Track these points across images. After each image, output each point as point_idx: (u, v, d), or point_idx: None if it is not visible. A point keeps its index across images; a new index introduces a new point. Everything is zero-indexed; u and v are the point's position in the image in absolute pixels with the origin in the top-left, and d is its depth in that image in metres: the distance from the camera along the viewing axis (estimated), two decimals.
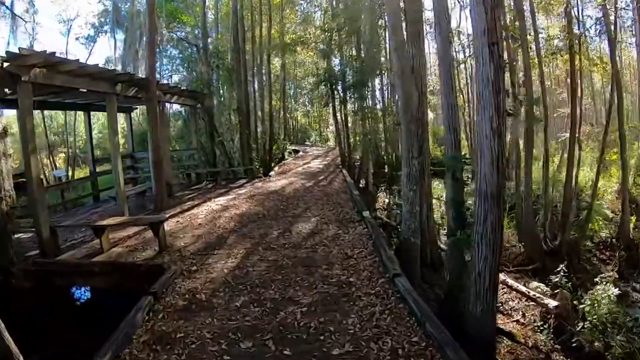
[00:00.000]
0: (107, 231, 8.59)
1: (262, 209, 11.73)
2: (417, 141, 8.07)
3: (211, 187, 16.97)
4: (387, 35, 23.65)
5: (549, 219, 14.05)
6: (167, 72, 25.84)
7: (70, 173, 24.98)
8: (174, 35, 23.30)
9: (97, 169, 15.89)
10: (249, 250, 7.95)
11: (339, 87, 21.77)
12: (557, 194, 16.65)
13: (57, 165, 31.49)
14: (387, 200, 20.38)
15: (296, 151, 33.73)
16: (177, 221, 10.87)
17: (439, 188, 17.75)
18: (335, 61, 24.38)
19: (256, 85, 26.22)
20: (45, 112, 29.19)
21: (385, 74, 22.45)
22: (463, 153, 8.41)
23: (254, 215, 10.93)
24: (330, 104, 23.11)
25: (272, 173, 19.84)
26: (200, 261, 7.48)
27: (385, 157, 24.57)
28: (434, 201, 12.40)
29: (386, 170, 24.11)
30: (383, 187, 22.24)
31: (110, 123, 11.85)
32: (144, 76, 13.36)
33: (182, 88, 16.34)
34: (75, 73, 9.64)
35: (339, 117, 23.98)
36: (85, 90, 10.83)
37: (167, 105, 20.37)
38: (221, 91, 24.25)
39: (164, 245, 8.38)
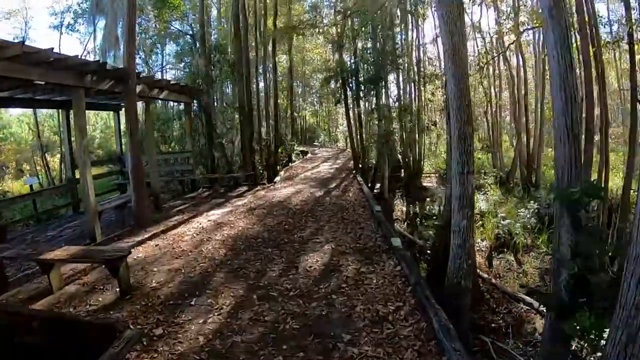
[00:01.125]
0: (56, 267, 6.46)
1: (262, 228, 9.54)
2: (469, 151, 5.85)
3: (207, 196, 14.80)
4: (404, 24, 21.76)
5: None
6: (158, 67, 23.51)
7: (65, 176, 22.60)
8: (171, 26, 21.08)
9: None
10: (239, 300, 5.72)
11: (352, 84, 19.54)
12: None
13: (52, 167, 29.53)
14: (404, 209, 18.20)
15: (304, 153, 31.51)
16: (156, 245, 8.73)
17: None
18: (347, 57, 22.20)
19: (261, 83, 24.11)
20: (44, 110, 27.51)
21: (403, 68, 20.27)
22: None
23: (252, 239, 8.72)
24: (343, 102, 20.85)
25: (277, 178, 17.66)
26: (171, 317, 5.26)
27: (401, 161, 22.34)
28: None
29: (402, 175, 21.93)
30: (399, 194, 20.05)
31: (77, 122, 9.62)
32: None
33: (172, 82, 14.15)
34: (25, 60, 7.52)
35: (351, 116, 21.75)
36: (42, 83, 8.76)
37: (170, 103, 18.36)
38: (223, 88, 22.18)
39: (128, 288, 6.22)
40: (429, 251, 11.44)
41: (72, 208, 13.74)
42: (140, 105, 13.78)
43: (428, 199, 18.88)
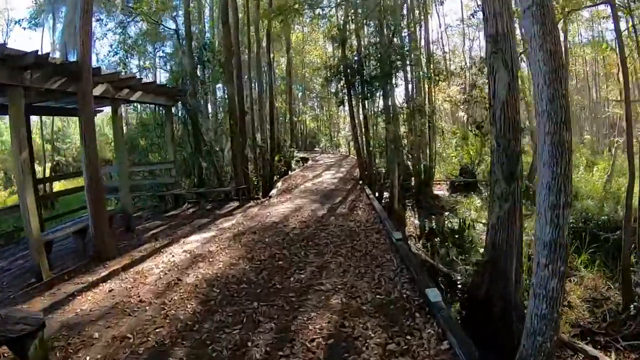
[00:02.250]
0: None
1: (248, 266, 7.33)
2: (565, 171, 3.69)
3: (191, 214, 12.73)
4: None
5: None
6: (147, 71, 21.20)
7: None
8: (157, 23, 18.84)
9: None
10: None
11: (357, 82, 17.33)
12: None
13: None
14: (416, 222, 16.06)
15: (305, 160, 29.21)
16: (110, 290, 6.66)
17: None
18: (349, 55, 19.97)
19: (256, 85, 21.92)
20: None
21: (414, 63, 18.11)
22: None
23: (234, 284, 6.52)
24: (347, 102, 18.65)
25: (273, 192, 15.44)
26: None
27: (411, 167, 20.14)
28: None
29: (411, 183, 19.77)
30: (409, 204, 17.88)
31: (14, 129, 7.58)
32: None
33: (145, 81, 11.98)
34: None
35: (356, 119, 19.57)
36: None
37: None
38: (216, 91, 20.11)
39: None
40: (460, 284, 9.29)
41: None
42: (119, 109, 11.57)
43: (446, 214, 16.72)
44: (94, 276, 7.31)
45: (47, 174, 27.01)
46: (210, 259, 7.77)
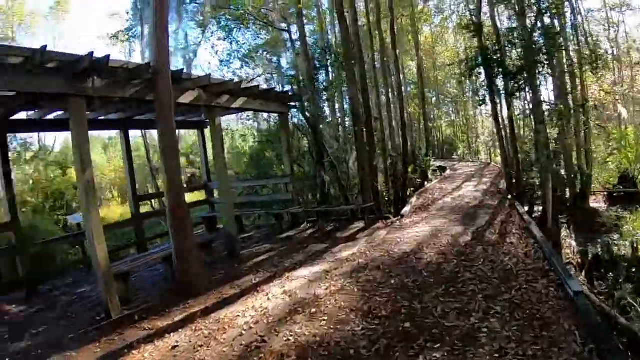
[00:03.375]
0: None
1: (361, 326, 5.22)
2: None
3: (307, 237, 11.01)
4: None
5: None
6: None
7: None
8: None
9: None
10: None
11: (498, 76, 14.39)
12: None
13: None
14: (573, 243, 12.91)
15: (442, 169, 26.36)
16: (173, 346, 5.27)
17: None
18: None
19: (383, 90, 19.82)
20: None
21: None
22: None
23: (338, 356, 4.55)
24: (489, 101, 15.85)
25: (406, 209, 13.13)
26: None
27: (565, 176, 16.65)
28: None
29: (566, 195, 16.35)
30: (563, 220, 14.77)
31: (76, 145, 6.43)
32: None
33: (246, 86, 10.48)
34: None
35: (500, 121, 16.64)
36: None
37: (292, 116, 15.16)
38: (342, 96, 18.39)
39: None
40: None
41: (137, 248, 11.72)
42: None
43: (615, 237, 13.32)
44: (166, 320, 6.14)
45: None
46: (313, 310, 5.81)
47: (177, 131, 19.18)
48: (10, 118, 8.96)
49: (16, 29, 25.99)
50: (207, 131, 13.30)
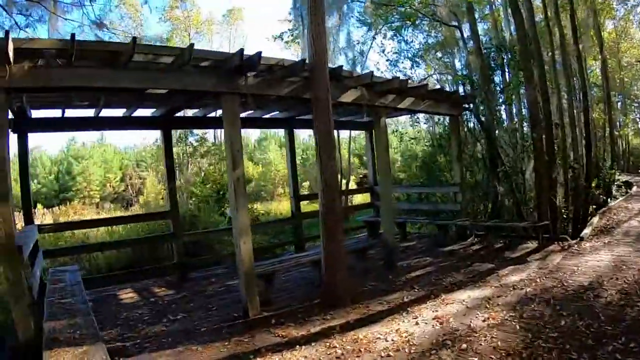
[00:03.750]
0: None
1: None
2: None
3: (472, 253, 10.02)
4: None
5: None
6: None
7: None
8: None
9: None
10: None
11: None
12: None
13: None
14: None
15: (628, 185, 22.58)
16: None
17: None
18: None
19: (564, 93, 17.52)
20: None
21: None
22: None
23: None
24: None
25: (586, 231, 11.03)
26: None
27: None
28: None
29: None
30: None
31: (228, 142, 6.33)
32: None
33: (419, 85, 9.73)
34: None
35: None
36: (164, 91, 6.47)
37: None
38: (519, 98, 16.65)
39: None
40: None
41: (294, 246, 11.69)
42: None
43: None
44: (301, 330, 5.80)
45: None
46: (464, 345, 4.88)
47: (348, 132, 19.22)
48: (175, 115, 9.56)
49: (193, 35, 28.27)
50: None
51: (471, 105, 12.70)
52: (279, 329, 5.86)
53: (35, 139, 57.97)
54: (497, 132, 13.05)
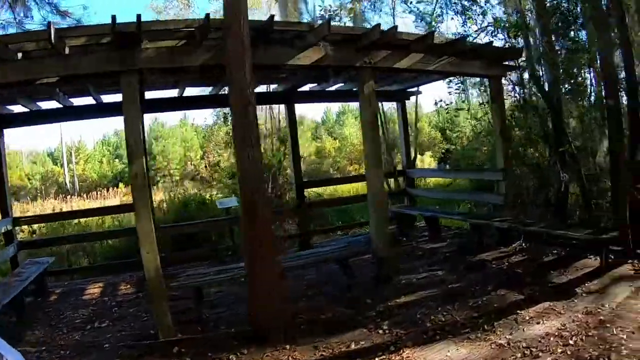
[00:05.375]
0: None
1: None
2: None
3: (508, 267, 7.34)
4: None
5: None
6: None
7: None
8: None
9: None
10: None
11: None
12: None
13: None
14: None
15: None
16: None
17: None
18: None
19: None
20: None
21: None
22: None
23: None
24: None
25: None
26: None
27: None
28: None
29: None
30: None
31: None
32: None
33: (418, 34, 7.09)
34: None
35: None
36: None
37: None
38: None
39: None
40: None
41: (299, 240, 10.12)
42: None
43: None
44: None
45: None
46: None
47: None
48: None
49: None
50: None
51: (520, 63, 9.58)
52: None
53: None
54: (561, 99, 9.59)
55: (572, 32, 10.14)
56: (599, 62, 8.76)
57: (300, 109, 54.81)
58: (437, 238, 9.63)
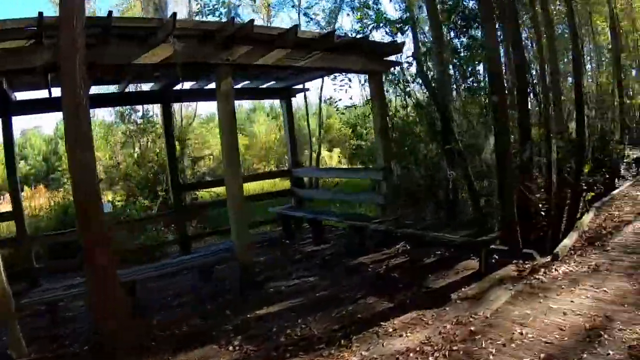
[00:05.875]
0: None
1: None
2: None
3: (385, 271, 6.81)
4: None
5: None
6: None
7: None
8: None
9: None
10: None
11: None
12: None
13: None
14: None
15: (639, 162, 18.43)
16: None
17: None
18: None
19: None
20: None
21: None
22: None
23: None
24: None
25: (566, 242, 7.35)
26: None
27: None
28: None
29: None
30: None
31: None
32: None
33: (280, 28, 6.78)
34: None
35: None
36: None
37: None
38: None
39: None
40: None
41: (179, 246, 9.45)
42: None
43: None
44: None
45: None
46: None
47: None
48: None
49: None
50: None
51: (414, 60, 9.36)
52: None
53: None
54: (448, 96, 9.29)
55: (472, 30, 10.10)
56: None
57: (209, 106, 53.77)
58: (320, 240, 9.04)
